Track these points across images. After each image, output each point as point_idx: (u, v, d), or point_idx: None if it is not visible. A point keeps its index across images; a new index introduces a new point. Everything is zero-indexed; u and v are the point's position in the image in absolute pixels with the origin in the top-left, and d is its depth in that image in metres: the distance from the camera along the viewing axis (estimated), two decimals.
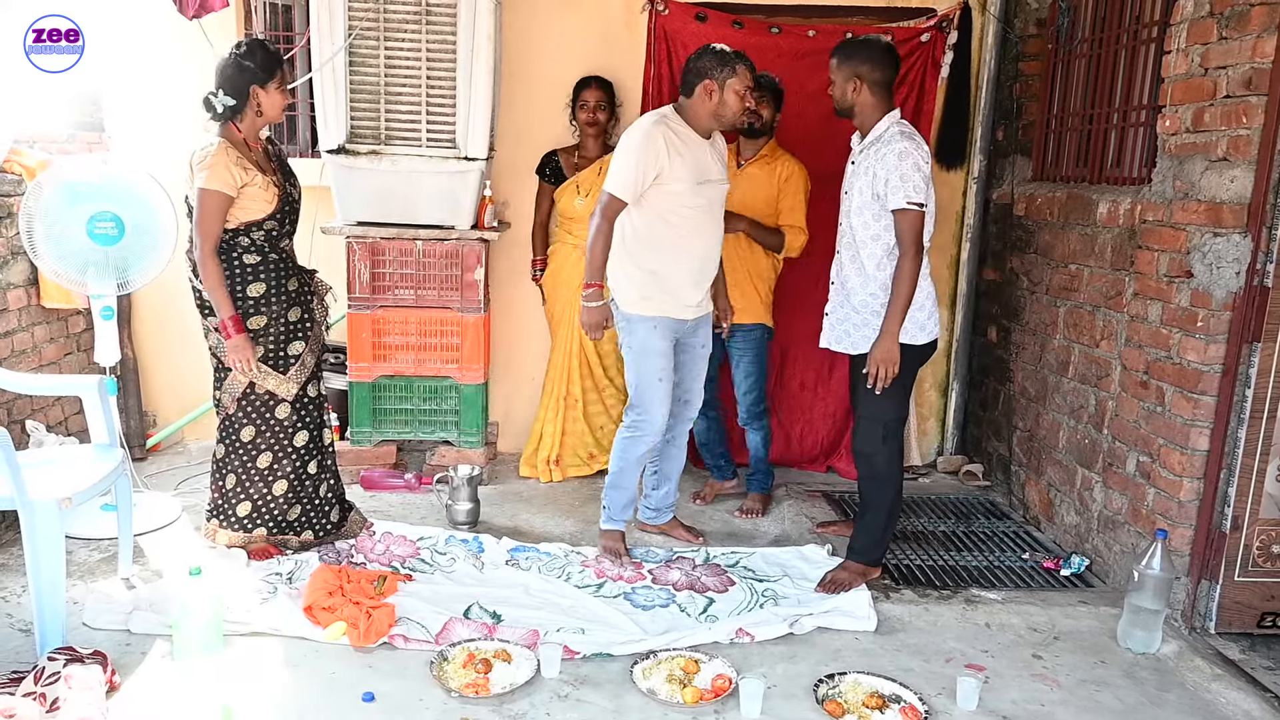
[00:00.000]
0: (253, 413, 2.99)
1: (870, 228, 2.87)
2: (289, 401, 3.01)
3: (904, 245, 2.80)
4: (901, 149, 2.79)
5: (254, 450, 3.01)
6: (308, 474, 3.09)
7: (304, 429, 3.05)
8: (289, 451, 3.04)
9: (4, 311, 3.35)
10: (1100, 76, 3.42)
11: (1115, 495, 3.11)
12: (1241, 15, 2.58)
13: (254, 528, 3.05)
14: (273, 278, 2.93)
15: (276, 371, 2.97)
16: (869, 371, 2.87)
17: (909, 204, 2.78)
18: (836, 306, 3.03)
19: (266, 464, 3.02)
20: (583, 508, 3.69)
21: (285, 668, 2.47)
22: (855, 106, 2.89)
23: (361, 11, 3.40)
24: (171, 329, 4.11)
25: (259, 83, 2.82)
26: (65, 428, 3.68)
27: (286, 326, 2.98)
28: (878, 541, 3.08)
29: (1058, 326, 3.50)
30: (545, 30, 3.92)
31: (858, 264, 2.92)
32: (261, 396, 2.98)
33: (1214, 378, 2.72)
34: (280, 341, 2.97)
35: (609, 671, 2.49)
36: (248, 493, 3.03)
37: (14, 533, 2.84)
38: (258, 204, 2.87)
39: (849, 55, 2.90)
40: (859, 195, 2.89)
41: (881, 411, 2.95)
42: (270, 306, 2.93)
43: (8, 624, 2.63)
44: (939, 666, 2.59)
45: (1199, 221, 2.73)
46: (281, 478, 3.04)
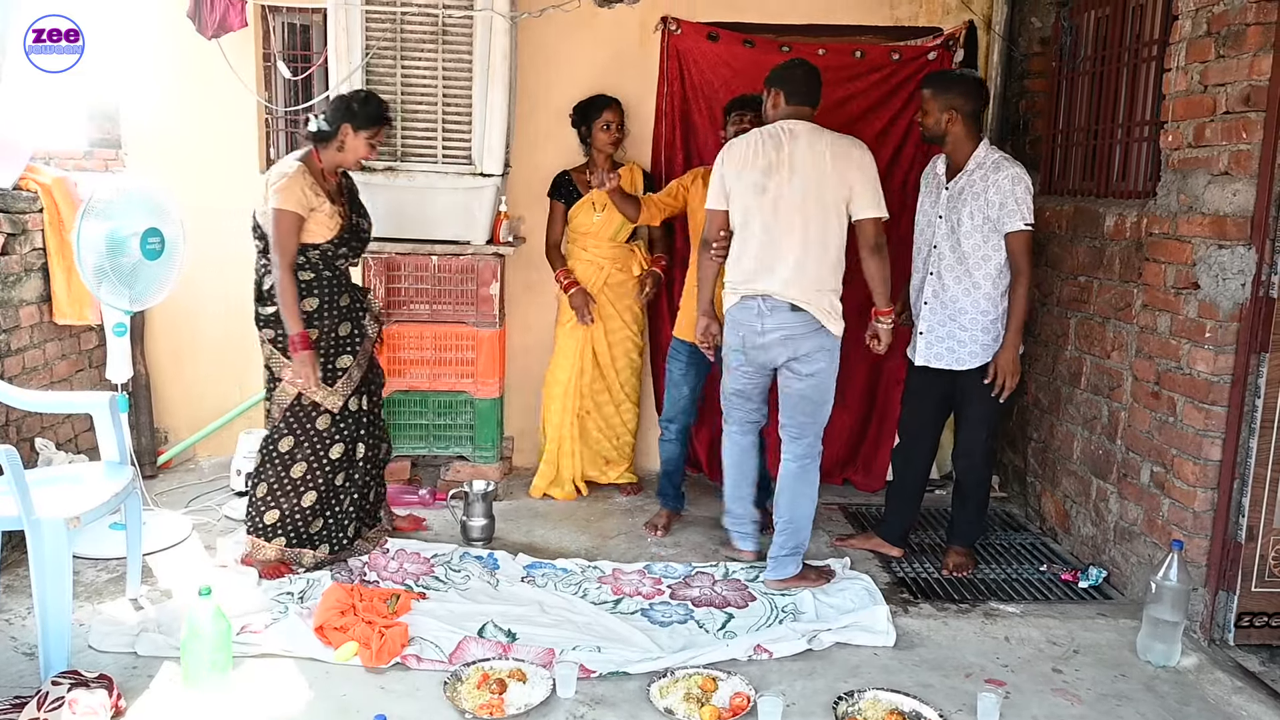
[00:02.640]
0: (294, 423, 3.03)
1: (981, 249, 3.08)
2: (331, 413, 3.05)
3: (1020, 265, 3.04)
4: (1014, 174, 3.02)
5: (289, 460, 3.04)
6: (335, 486, 3.12)
7: (340, 442, 3.10)
8: (323, 463, 3.08)
9: (16, 328, 3.35)
10: (1104, 93, 3.46)
11: (1130, 506, 3.11)
12: (1238, 34, 2.62)
13: (274, 537, 3.06)
14: (325, 293, 3.03)
15: (325, 384, 3.03)
16: (995, 380, 3.10)
17: (1025, 225, 3.01)
18: (938, 325, 3.18)
19: (300, 474, 3.06)
20: (599, 522, 3.68)
21: (295, 689, 2.44)
22: (948, 136, 3.11)
23: (379, 31, 3.44)
24: (184, 345, 4.13)
25: (353, 124, 2.98)
26: (75, 445, 3.67)
27: (336, 340, 3.06)
28: (975, 526, 3.37)
29: (1069, 338, 3.52)
30: (559, 49, 3.96)
31: (965, 284, 3.11)
32: (305, 408, 3.03)
33: (1224, 388, 2.72)
34: (330, 354, 3.04)
35: (625, 690, 2.46)
36: (277, 501, 3.05)
37: (20, 553, 2.81)
38: (321, 229, 2.99)
39: (945, 88, 3.11)
40: (969, 220, 3.08)
41: (989, 415, 3.21)
42: (322, 321, 3.02)
43: (11, 647, 2.59)
44: (958, 682, 2.57)
45: (1204, 234, 2.76)
46: (312, 489, 3.07)
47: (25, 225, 3.37)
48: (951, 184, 3.14)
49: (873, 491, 4.10)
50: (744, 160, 2.95)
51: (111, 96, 3.96)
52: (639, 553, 3.40)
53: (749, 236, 2.97)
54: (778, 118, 3.00)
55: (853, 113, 3.83)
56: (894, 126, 3.94)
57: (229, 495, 3.77)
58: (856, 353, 3.72)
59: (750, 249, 2.96)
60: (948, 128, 3.08)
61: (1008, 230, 3.02)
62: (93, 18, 3.42)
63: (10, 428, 3.27)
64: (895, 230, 3.95)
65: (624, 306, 3.84)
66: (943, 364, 3.18)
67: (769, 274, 2.94)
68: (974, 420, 3.24)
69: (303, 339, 2.93)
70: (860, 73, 3.89)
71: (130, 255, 3.19)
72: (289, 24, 4.06)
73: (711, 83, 3.84)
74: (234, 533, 3.37)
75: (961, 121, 3.07)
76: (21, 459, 2.39)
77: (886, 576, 3.24)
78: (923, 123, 3.16)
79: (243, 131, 4.02)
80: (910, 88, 3.90)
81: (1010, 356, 3.08)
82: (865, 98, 3.90)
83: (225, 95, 3.88)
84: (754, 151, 2.94)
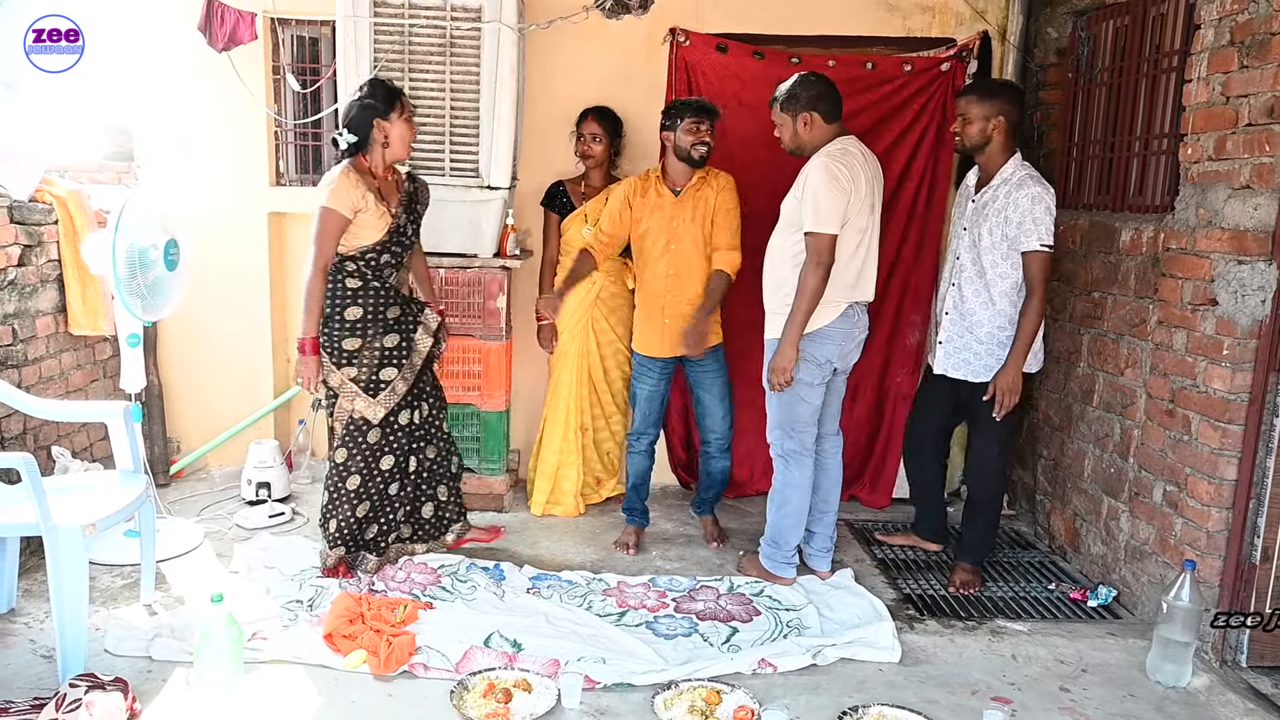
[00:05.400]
0: (347, 437, 3.09)
1: (999, 266, 3.09)
2: (378, 426, 3.09)
3: (1034, 285, 3.03)
4: (1034, 194, 3.01)
5: (345, 472, 3.10)
6: (388, 496, 3.18)
7: (390, 453, 3.14)
8: (375, 474, 3.13)
9: (33, 339, 3.39)
10: (1121, 105, 3.43)
11: (1142, 525, 3.08)
12: (1262, 44, 2.58)
13: (336, 545, 3.13)
14: (371, 304, 3.05)
15: (366, 394, 3.05)
16: (994, 399, 3.10)
17: (1041, 246, 3.00)
18: (955, 336, 3.22)
19: (355, 486, 3.11)
20: (604, 535, 3.69)
21: (305, 695, 2.47)
22: (988, 145, 3.11)
23: (387, 43, 3.46)
24: (197, 356, 4.16)
25: (380, 115, 2.98)
26: (90, 454, 3.72)
27: (381, 352, 3.07)
28: (984, 543, 3.35)
29: (1081, 354, 3.48)
30: (567, 62, 3.96)
31: (983, 298, 3.13)
32: (357, 421, 3.08)
33: (1241, 406, 2.69)
34: (374, 366, 3.06)
35: (630, 702, 2.47)
36: (338, 510, 3.12)
37: (38, 558, 2.87)
38: (369, 230, 3.00)
39: (992, 94, 3.12)
40: (989, 235, 3.09)
41: (999, 430, 3.19)
42: (365, 330, 3.04)
43: (30, 650, 2.64)
44: (964, 699, 2.56)
45: (1223, 249, 2.72)
46: (366, 499, 3.14)
47: (41, 237, 3.42)
48: (978, 196, 3.16)
49: (879, 508, 4.08)
50: (858, 180, 2.98)
51: (125, 110, 4.01)
52: (644, 566, 3.40)
53: (858, 250, 3.03)
54: (825, 137, 3.03)
55: (864, 124, 3.79)
56: (906, 138, 3.91)
57: (240, 504, 3.81)
58: (863, 369, 3.72)
59: (856, 263, 3.04)
60: (992, 135, 3.08)
61: (1024, 249, 3.02)
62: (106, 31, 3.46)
63: (27, 436, 3.31)
64: (904, 246, 3.98)
65: (617, 320, 3.81)
66: (959, 374, 3.22)
67: (867, 282, 3.10)
68: (985, 434, 3.24)
69: (311, 344, 2.99)
70: (872, 84, 3.87)
71: (154, 267, 3.24)
72: (298, 37, 4.09)
73: (721, 95, 3.83)
74: (248, 540, 3.42)
75: (1005, 130, 3.08)
76: (39, 467, 2.44)
77: (893, 593, 3.22)
78: (962, 132, 3.13)
79: (252, 143, 4.05)
80: (923, 99, 3.88)
81: (1010, 376, 3.07)
82: (877, 109, 3.88)
83: (235, 108, 3.92)
84: (859, 170, 2.98)
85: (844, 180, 2.94)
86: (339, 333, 3.02)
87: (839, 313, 3.04)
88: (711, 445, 3.54)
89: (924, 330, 4.00)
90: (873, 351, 3.80)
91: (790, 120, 3.05)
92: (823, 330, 3.04)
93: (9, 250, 3.23)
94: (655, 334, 3.44)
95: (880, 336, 3.91)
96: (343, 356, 3.03)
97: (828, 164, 2.95)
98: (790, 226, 3.05)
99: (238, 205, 4.05)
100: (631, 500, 3.60)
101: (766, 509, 3.28)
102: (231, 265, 4.02)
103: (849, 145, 3.03)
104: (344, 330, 3.02)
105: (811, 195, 2.94)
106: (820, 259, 2.94)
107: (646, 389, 3.52)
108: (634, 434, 3.60)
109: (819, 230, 2.93)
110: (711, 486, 3.63)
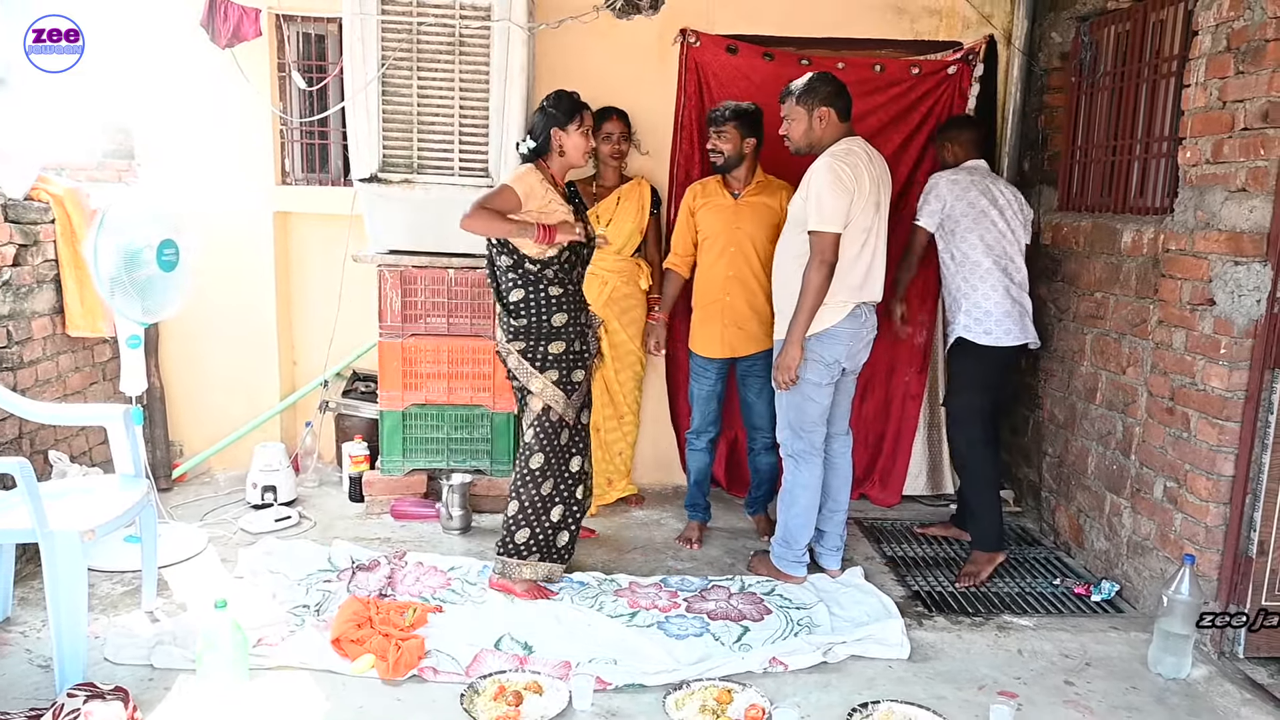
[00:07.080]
0: (544, 439, 3.07)
1: None
2: (570, 427, 3.09)
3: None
4: None
5: (540, 478, 3.07)
6: (576, 499, 3.17)
7: (577, 455, 3.14)
8: (565, 477, 3.12)
9: (28, 340, 3.34)
10: (1122, 109, 3.47)
11: (1144, 521, 3.12)
12: (1258, 50, 2.63)
13: (528, 555, 3.09)
14: (570, 309, 3.07)
15: (564, 392, 3.06)
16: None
17: None
18: None
19: (549, 490, 3.09)
20: (615, 536, 3.68)
21: (312, 701, 2.44)
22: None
23: (395, 41, 3.43)
24: (199, 358, 4.11)
25: (559, 125, 3.00)
26: (89, 458, 3.67)
27: (575, 355, 3.08)
28: (989, 529, 3.37)
29: (1085, 353, 3.52)
30: (577, 61, 3.92)
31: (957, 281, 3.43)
32: (554, 423, 3.06)
33: (1238, 404, 2.73)
34: (570, 367, 3.07)
35: (641, 703, 2.48)
36: (529, 519, 3.08)
37: (35, 565, 2.80)
38: None
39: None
40: None
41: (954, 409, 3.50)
42: (568, 334, 3.06)
43: (27, 660, 2.58)
44: (972, 694, 2.59)
45: (1220, 250, 2.77)
46: (559, 503, 3.11)
47: (37, 236, 3.36)
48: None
49: (889, 506, 4.11)
50: (861, 180, 2.99)
51: (124, 107, 3.96)
52: (655, 566, 3.41)
53: (863, 250, 3.04)
54: (834, 136, 3.05)
55: (872, 126, 3.82)
56: (914, 140, 3.95)
57: (244, 508, 3.78)
58: (873, 367, 3.74)
59: (862, 263, 3.05)
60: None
61: None
62: (106, 27, 3.42)
63: (23, 440, 3.26)
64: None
65: (629, 320, 3.82)
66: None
67: (874, 282, 3.12)
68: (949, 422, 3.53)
69: (544, 229, 2.90)
70: (880, 86, 3.90)
71: (146, 267, 3.18)
72: (304, 33, 4.05)
73: (731, 96, 3.82)
74: (253, 545, 3.38)
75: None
76: (35, 472, 2.39)
77: (902, 590, 3.25)
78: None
79: (257, 142, 4.02)
80: (930, 102, 3.91)
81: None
82: (885, 111, 3.91)
83: (239, 105, 3.89)
84: (863, 170, 3.00)
85: (847, 180, 2.96)
86: (546, 338, 3.02)
87: (846, 313, 3.06)
88: (756, 442, 3.61)
89: (931, 329, 4.04)
90: (880, 350, 3.81)
91: (805, 114, 3.06)
92: (830, 330, 3.05)
93: (3, 250, 3.18)
94: (714, 336, 3.47)
95: (888, 335, 3.93)
96: (547, 361, 3.03)
97: (832, 163, 2.97)
98: (797, 226, 3.07)
99: (242, 204, 4.00)
100: (694, 496, 3.67)
101: (777, 509, 3.31)
102: (236, 265, 3.98)
103: (854, 145, 3.04)
104: (552, 335, 3.03)
105: (815, 195, 2.97)
106: (824, 257, 2.96)
107: (705, 389, 3.56)
108: (693, 432, 3.65)
109: (822, 229, 2.95)
110: (761, 484, 3.69)
